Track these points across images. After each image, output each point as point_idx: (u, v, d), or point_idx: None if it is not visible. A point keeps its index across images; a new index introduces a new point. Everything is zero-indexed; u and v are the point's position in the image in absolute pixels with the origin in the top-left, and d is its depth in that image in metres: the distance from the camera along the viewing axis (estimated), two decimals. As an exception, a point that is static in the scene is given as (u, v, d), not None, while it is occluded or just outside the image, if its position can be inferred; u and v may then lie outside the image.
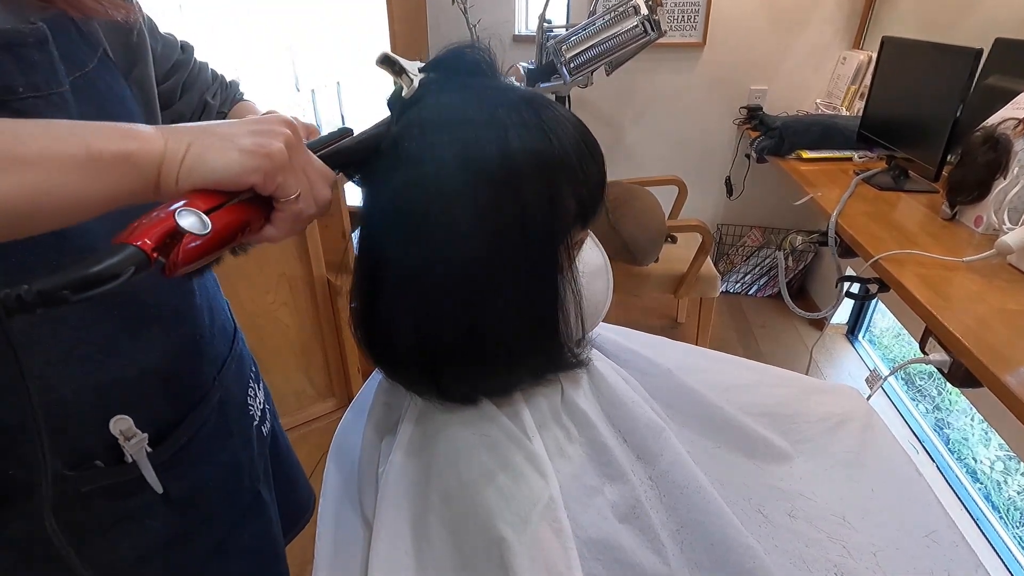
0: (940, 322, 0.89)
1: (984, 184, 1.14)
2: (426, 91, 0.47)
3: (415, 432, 0.55)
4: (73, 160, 0.31)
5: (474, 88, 0.47)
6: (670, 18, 2.26)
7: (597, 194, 0.50)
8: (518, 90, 0.48)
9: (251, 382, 0.70)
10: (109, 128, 0.33)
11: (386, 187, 0.47)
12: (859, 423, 0.70)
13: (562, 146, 0.46)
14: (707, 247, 1.75)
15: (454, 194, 0.43)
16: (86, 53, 0.45)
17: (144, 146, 0.33)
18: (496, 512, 0.47)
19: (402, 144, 0.45)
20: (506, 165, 0.43)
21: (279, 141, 0.36)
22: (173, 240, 0.32)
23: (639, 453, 0.56)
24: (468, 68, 0.49)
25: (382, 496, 0.52)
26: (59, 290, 0.28)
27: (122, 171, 0.32)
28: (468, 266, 0.45)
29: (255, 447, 0.68)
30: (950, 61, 1.30)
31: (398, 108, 0.47)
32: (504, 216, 0.44)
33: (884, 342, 2.23)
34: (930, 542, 0.58)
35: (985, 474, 1.64)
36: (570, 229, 0.49)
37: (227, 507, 0.63)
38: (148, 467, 0.51)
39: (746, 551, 0.50)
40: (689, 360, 0.73)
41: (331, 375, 1.83)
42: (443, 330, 0.48)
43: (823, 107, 2.21)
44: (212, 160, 0.34)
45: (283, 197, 0.38)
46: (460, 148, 0.43)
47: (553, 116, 0.47)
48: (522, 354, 0.51)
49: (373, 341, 0.53)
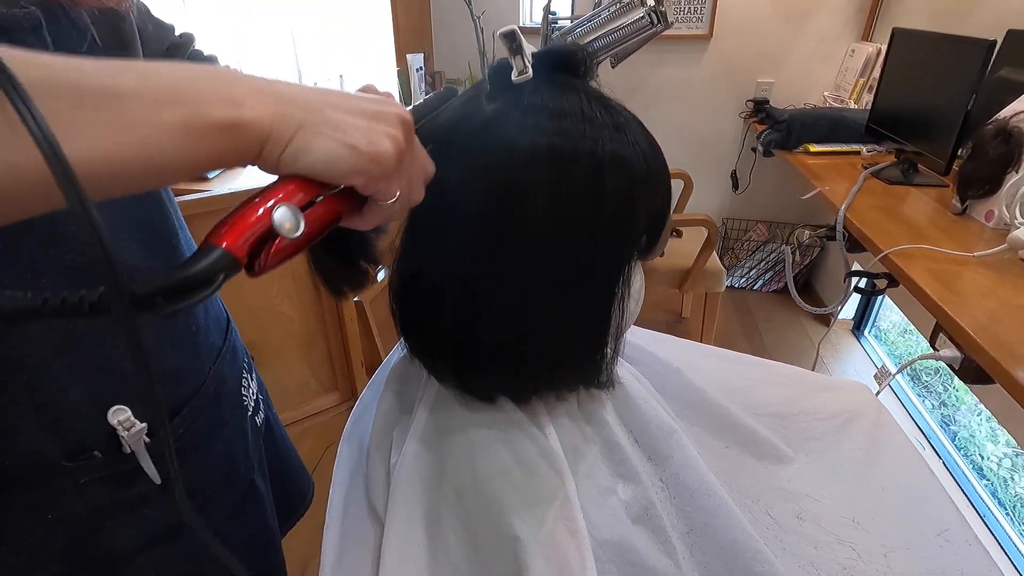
0: (951, 317, 0.88)
1: (995, 178, 1.12)
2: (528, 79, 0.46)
3: (430, 421, 0.55)
4: (172, 126, 0.28)
5: (575, 87, 0.46)
6: (676, 10, 2.24)
7: (664, 212, 0.50)
8: (609, 98, 0.47)
9: (244, 372, 0.69)
10: (213, 90, 0.29)
11: (464, 163, 0.44)
12: (869, 420, 0.69)
13: (645, 160, 0.46)
14: (713, 241, 1.74)
15: (538, 182, 0.43)
16: (75, 39, 0.44)
17: (250, 119, 0.30)
18: (511, 509, 0.47)
19: (496, 123, 0.44)
20: (595, 167, 0.43)
21: (391, 142, 0.34)
22: (267, 241, 0.30)
23: (650, 454, 0.55)
24: (572, 67, 0.48)
25: (395, 488, 0.52)
26: (152, 296, 0.25)
27: (223, 140, 0.29)
28: (532, 263, 0.45)
29: (250, 437, 0.68)
30: (962, 53, 1.28)
31: (500, 86, 0.46)
32: (580, 214, 0.44)
33: (891, 338, 2.21)
34: (943, 541, 0.57)
35: (992, 471, 1.63)
36: (636, 248, 0.49)
37: (223, 496, 0.63)
38: (146, 457, 0.51)
39: (756, 555, 0.49)
40: (696, 359, 0.72)
41: (334, 369, 1.82)
42: (485, 326, 0.47)
43: (831, 100, 2.19)
44: (318, 150, 0.31)
45: (382, 200, 0.35)
46: (558, 139, 0.43)
47: (638, 128, 0.47)
48: (559, 366, 0.51)
49: (407, 316, 0.52)
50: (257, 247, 0.29)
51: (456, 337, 0.49)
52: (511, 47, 0.44)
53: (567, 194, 0.43)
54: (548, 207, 0.43)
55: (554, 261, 0.45)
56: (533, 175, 0.42)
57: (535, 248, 0.44)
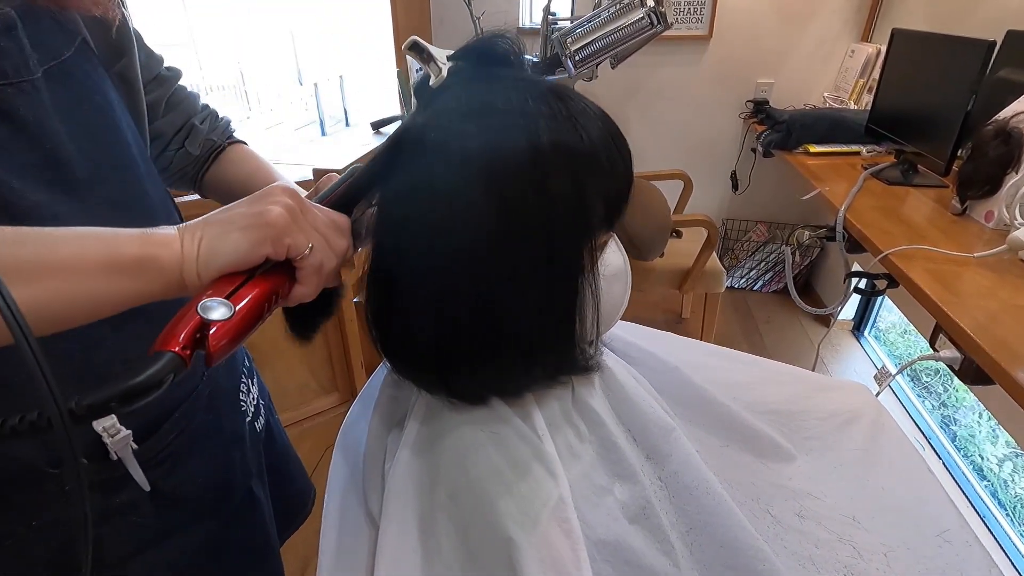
0: (951, 318, 0.88)
1: (995, 179, 1.13)
2: (454, 80, 0.46)
3: (422, 430, 0.54)
4: (97, 266, 0.33)
5: (503, 78, 0.46)
6: (676, 10, 2.24)
7: (623, 193, 0.49)
8: (546, 82, 0.46)
9: (243, 377, 0.69)
10: (131, 234, 0.35)
11: (407, 176, 0.45)
12: (869, 420, 0.69)
13: (591, 140, 0.44)
14: (712, 242, 1.74)
15: (479, 186, 0.42)
16: (62, 42, 0.44)
17: (162, 251, 0.35)
18: (504, 511, 0.47)
19: (428, 133, 0.44)
20: (534, 158, 0.42)
21: (277, 206, 0.38)
22: (204, 332, 0.34)
23: (649, 453, 0.55)
24: (497, 58, 0.47)
25: (389, 492, 0.52)
26: (107, 402, 0.30)
27: (147, 274, 0.35)
28: (490, 262, 0.44)
29: (247, 443, 0.67)
30: (962, 53, 1.28)
31: (425, 96, 0.46)
32: (529, 211, 0.43)
33: (890, 339, 2.21)
34: (942, 542, 0.57)
35: (992, 472, 1.62)
36: (595, 229, 0.48)
37: (218, 504, 0.62)
38: (134, 464, 0.50)
39: (756, 553, 0.49)
40: (695, 357, 0.72)
41: (334, 369, 1.82)
42: (460, 328, 0.47)
43: (830, 101, 2.19)
44: (220, 247, 0.37)
45: (298, 255, 0.39)
46: (488, 138, 0.42)
47: (582, 109, 0.45)
48: (537, 355, 0.50)
49: (387, 336, 0.52)
50: (201, 340, 0.34)
51: (436, 345, 0.48)
52: (421, 57, 0.45)
53: (510, 193, 0.42)
54: (494, 210, 0.42)
55: (509, 260, 0.44)
56: (471, 178, 0.42)
57: (489, 247, 0.43)
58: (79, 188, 0.44)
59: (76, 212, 0.43)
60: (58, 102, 0.43)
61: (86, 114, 0.46)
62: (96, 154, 0.46)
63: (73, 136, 0.44)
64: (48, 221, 0.41)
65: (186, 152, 0.64)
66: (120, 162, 0.49)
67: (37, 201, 0.41)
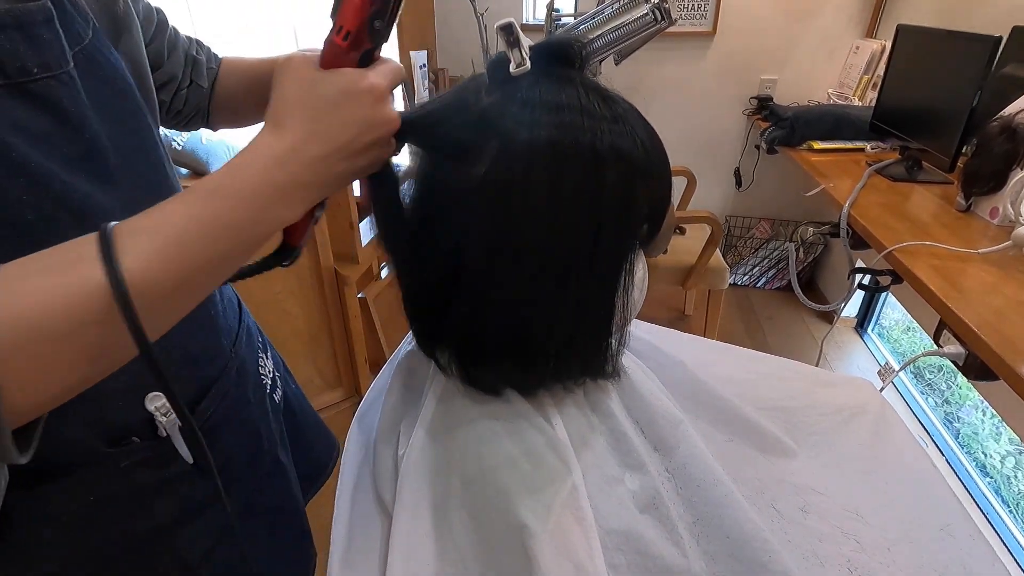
0: (955, 314, 0.88)
1: (1000, 175, 1.12)
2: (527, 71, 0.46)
3: (438, 410, 0.55)
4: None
5: (572, 79, 0.46)
6: (680, 7, 2.24)
7: (666, 196, 0.50)
8: (607, 89, 0.47)
9: (260, 352, 0.71)
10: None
11: (463, 158, 0.45)
12: (872, 416, 0.69)
13: (644, 151, 0.46)
14: (716, 239, 1.74)
15: (540, 175, 0.43)
16: (81, 26, 0.44)
17: None
18: (518, 499, 0.47)
19: (494, 117, 0.44)
20: (594, 159, 0.43)
21: (386, 106, 0.42)
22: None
23: (656, 444, 0.56)
24: (568, 59, 0.48)
25: (402, 480, 0.52)
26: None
27: None
28: (535, 258, 0.45)
29: (270, 414, 0.70)
30: (967, 49, 1.28)
31: (498, 80, 0.46)
32: (581, 212, 0.44)
33: (894, 336, 2.21)
34: (945, 535, 0.57)
35: (995, 468, 1.63)
36: (637, 238, 0.49)
37: (251, 472, 0.65)
38: (180, 440, 0.53)
39: (762, 544, 0.49)
40: (699, 353, 0.72)
41: (339, 365, 1.83)
42: (492, 321, 0.48)
43: (835, 97, 2.19)
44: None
45: None
46: (555, 132, 0.43)
47: (636, 119, 0.47)
48: (565, 358, 0.51)
49: (419, 318, 0.53)
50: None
51: (463, 331, 0.50)
52: (508, 40, 0.44)
53: (568, 187, 0.43)
54: (549, 200, 0.43)
55: (556, 253, 0.45)
56: (533, 169, 0.43)
57: (537, 241, 0.44)
58: (114, 175, 0.44)
59: (114, 200, 0.44)
60: (88, 90, 0.43)
61: (111, 100, 0.46)
62: (124, 140, 0.46)
63: (103, 123, 0.44)
64: (98, 213, 0.41)
65: (197, 86, 0.64)
66: (144, 144, 0.50)
67: (86, 193, 0.42)
